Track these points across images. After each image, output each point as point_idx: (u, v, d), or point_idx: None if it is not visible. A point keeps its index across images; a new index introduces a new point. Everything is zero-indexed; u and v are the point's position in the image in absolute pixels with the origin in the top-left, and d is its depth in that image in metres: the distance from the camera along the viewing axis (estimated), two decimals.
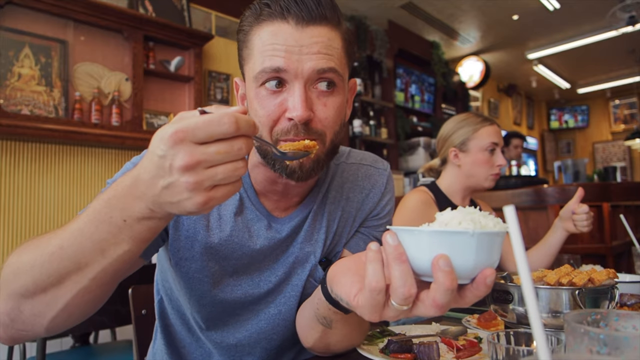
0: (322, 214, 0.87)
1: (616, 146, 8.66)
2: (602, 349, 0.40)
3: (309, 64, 0.69)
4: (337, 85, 0.73)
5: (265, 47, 0.69)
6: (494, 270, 0.47)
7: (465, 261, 0.45)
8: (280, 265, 0.85)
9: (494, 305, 0.89)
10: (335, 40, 0.72)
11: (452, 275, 0.45)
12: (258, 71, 0.70)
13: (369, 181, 0.93)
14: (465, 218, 0.47)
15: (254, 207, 0.83)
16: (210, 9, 3.89)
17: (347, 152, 0.97)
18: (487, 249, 0.46)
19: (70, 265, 0.54)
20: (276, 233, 0.83)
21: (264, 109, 0.71)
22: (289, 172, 0.73)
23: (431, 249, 0.46)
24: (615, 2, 4.72)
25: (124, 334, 2.48)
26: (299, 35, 0.68)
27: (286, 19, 0.69)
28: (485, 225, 0.46)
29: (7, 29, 2.72)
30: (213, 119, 0.46)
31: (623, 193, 2.56)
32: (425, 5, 4.90)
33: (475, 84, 6.44)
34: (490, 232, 0.45)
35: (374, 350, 0.83)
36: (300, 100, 0.68)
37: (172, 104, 3.52)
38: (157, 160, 0.47)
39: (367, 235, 0.93)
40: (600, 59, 6.83)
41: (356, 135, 4.45)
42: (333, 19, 0.72)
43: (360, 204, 0.92)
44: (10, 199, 2.75)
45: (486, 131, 1.60)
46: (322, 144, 0.73)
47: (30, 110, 2.76)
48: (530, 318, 0.39)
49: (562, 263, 1.26)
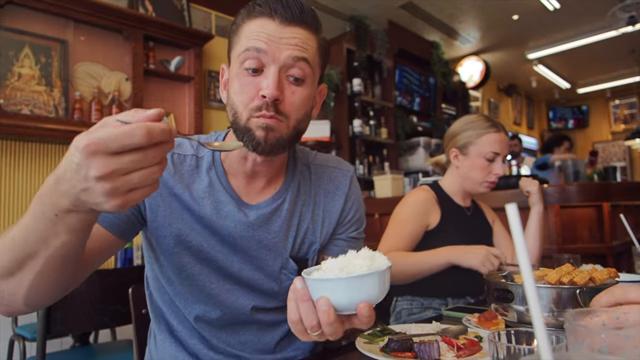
0: (294, 213, 0.95)
1: (616, 146, 8.66)
2: (603, 348, 0.40)
3: (285, 52, 0.80)
4: (306, 81, 0.84)
5: (251, 33, 0.81)
6: (368, 304, 0.59)
7: (340, 299, 0.59)
8: (253, 253, 0.91)
9: (494, 304, 0.89)
10: (311, 41, 0.84)
11: (328, 312, 0.59)
12: (242, 50, 0.81)
13: (333, 183, 1.01)
14: (342, 265, 0.60)
15: (223, 189, 0.90)
16: (210, 9, 3.89)
17: (313, 153, 1.05)
18: (357, 288, 0.58)
19: (22, 254, 0.60)
20: (244, 217, 0.90)
21: (242, 87, 0.82)
22: (255, 144, 0.82)
23: (315, 292, 0.61)
24: (615, 2, 4.72)
25: (124, 334, 2.48)
26: (281, 30, 0.80)
27: (272, 17, 0.80)
28: (353, 271, 0.59)
29: (7, 28, 2.72)
30: (125, 131, 0.49)
31: (623, 193, 2.56)
32: (425, 5, 4.90)
33: (475, 84, 6.44)
34: (356, 276, 0.58)
35: (374, 349, 0.83)
36: (273, 81, 0.79)
37: (172, 103, 3.52)
38: (74, 167, 0.50)
39: (345, 242, 1.02)
40: (600, 59, 6.83)
41: (356, 135, 4.44)
42: (312, 25, 0.84)
43: (327, 206, 0.99)
44: (10, 199, 2.75)
45: (489, 138, 1.56)
46: (287, 125, 0.83)
47: (30, 110, 2.76)
48: (532, 317, 0.39)
49: (562, 262, 1.26)
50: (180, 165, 0.90)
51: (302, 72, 0.82)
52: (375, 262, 0.62)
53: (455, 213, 1.62)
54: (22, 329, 2.22)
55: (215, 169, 0.91)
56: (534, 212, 1.67)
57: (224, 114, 3.88)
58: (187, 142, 0.94)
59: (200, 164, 0.91)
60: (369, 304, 0.59)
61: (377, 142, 4.78)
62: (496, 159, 1.56)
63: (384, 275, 0.60)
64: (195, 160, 0.91)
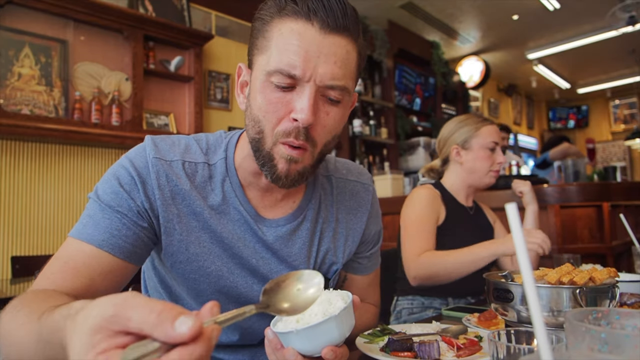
0: (315, 232, 0.89)
1: (616, 146, 8.66)
2: (603, 348, 0.40)
3: (324, 68, 0.69)
4: (343, 99, 0.75)
5: (285, 44, 0.69)
6: (331, 348, 0.63)
7: (304, 347, 0.63)
8: (273, 276, 0.84)
9: (494, 304, 0.89)
10: (351, 54, 0.73)
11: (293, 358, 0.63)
12: (273, 69, 0.70)
13: (355, 200, 0.95)
14: (298, 315, 0.64)
15: (239, 203, 0.82)
16: (210, 9, 3.89)
17: (333, 161, 0.97)
18: (315, 336, 0.62)
19: None
20: (263, 236, 0.83)
21: (270, 104, 0.71)
22: (275, 178, 0.74)
23: (283, 341, 0.66)
24: (615, 2, 4.72)
25: None
26: (320, 40, 0.68)
27: (311, 21, 0.68)
28: (309, 320, 0.63)
29: (7, 28, 2.72)
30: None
31: (623, 193, 2.55)
32: (425, 5, 4.90)
33: (475, 84, 6.44)
34: (311, 326, 0.61)
35: (374, 349, 0.83)
36: (309, 105, 0.69)
37: (172, 103, 3.52)
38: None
39: (367, 258, 1.00)
40: (600, 59, 6.83)
41: (356, 135, 4.44)
42: (355, 32, 0.73)
43: (350, 224, 0.94)
44: (10, 198, 2.74)
45: (487, 130, 1.63)
46: (312, 153, 0.75)
47: (30, 110, 2.76)
48: (532, 316, 0.39)
49: (562, 262, 1.26)
50: (193, 176, 0.80)
51: (340, 93, 0.73)
52: (331, 306, 0.64)
53: (459, 212, 1.64)
54: None
55: (230, 179, 0.82)
56: (529, 211, 1.73)
57: (224, 114, 3.88)
58: (194, 144, 0.83)
59: (213, 174, 0.82)
60: (332, 347, 0.62)
61: (377, 142, 4.78)
62: (496, 149, 1.63)
63: (340, 318, 0.63)
64: (207, 170, 0.81)
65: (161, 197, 0.75)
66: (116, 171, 0.76)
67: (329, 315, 0.62)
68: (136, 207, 0.74)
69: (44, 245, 2.87)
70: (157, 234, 0.78)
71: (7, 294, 1.78)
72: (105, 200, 0.73)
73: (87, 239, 0.71)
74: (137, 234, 0.74)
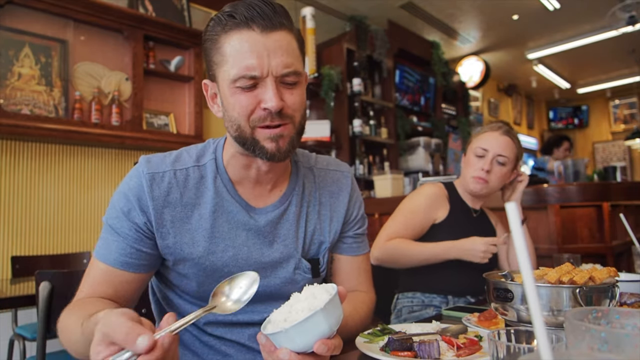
0: (301, 214, 0.97)
1: (616, 146, 8.66)
2: (603, 347, 0.40)
3: (275, 61, 0.80)
4: (299, 80, 0.85)
5: (238, 53, 0.80)
6: (322, 341, 0.64)
7: (296, 345, 0.65)
8: (266, 259, 0.92)
9: (494, 303, 0.89)
10: (292, 42, 0.84)
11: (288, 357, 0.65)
12: (235, 76, 0.80)
13: (337, 185, 1.05)
14: (284, 315, 0.66)
15: (231, 197, 0.91)
16: (210, 9, 3.89)
17: (314, 157, 1.07)
18: (305, 332, 0.63)
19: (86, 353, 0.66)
20: (255, 223, 0.91)
21: (240, 103, 0.81)
22: (269, 155, 0.84)
23: (275, 342, 0.67)
24: (615, 2, 4.72)
25: None
26: (265, 40, 0.79)
27: (251, 27, 0.79)
28: (296, 317, 0.64)
29: (7, 28, 2.72)
30: None
31: (623, 193, 2.55)
32: (425, 5, 4.90)
33: (475, 84, 6.44)
34: (298, 323, 0.63)
35: (374, 348, 0.83)
36: (273, 94, 0.79)
37: (172, 103, 3.52)
38: None
39: (352, 239, 1.06)
40: (600, 59, 6.83)
41: (356, 135, 4.44)
42: (288, 23, 0.84)
43: (333, 206, 1.02)
44: (10, 198, 2.75)
45: (484, 136, 1.60)
46: (293, 125, 0.85)
47: (30, 110, 2.76)
48: (532, 316, 0.39)
49: (562, 262, 1.26)
50: (185, 181, 0.89)
51: (295, 77, 0.83)
52: (316, 300, 0.66)
53: (463, 212, 1.66)
54: (22, 329, 2.22)
55: (221, 177, 0.91)
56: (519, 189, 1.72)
57: None
58: (184, 153, 0.93)
59: (204, 174, 0.91)
60: (324, 340, 0.65)
61: (377, 142, 4.78)
62: (485, 156, 1.57)
63: (326, 311, 0.64)
64: (198, 171, 0.91)
65: (154, 206, 0.85)
66: (117, 196, 0.88)
67: (315, 309, 0.63)
68: (135, 226, 0.85)
69: (44, 245, 2.87)
70: (154, 239, 0.87)
71: (7, 294, 1.78)
72: (112, 224, 0.86)
73: (102, 259, 0.85)
74: (141, 251, 0.86)
